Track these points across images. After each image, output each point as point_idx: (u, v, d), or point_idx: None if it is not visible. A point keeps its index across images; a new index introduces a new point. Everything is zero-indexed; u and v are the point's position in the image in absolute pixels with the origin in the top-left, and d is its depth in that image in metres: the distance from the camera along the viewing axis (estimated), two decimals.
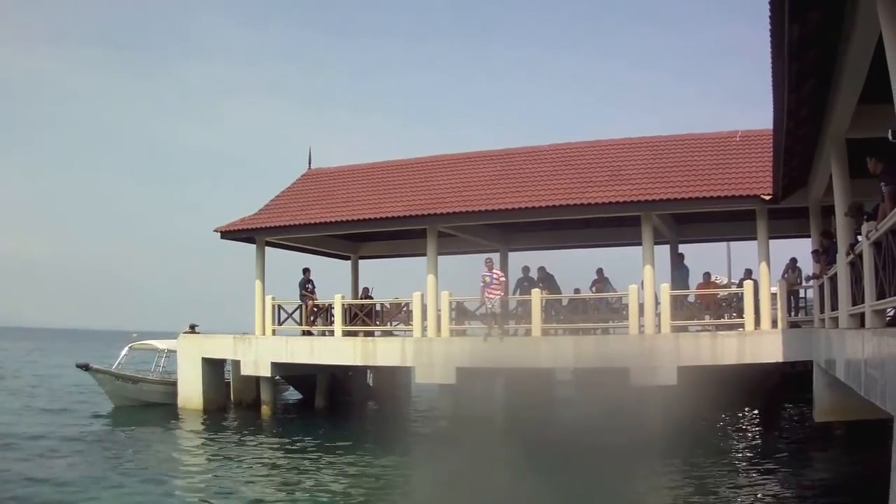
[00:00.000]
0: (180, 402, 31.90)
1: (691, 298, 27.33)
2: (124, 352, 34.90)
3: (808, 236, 25.01)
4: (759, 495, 17.26)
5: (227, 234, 32.15)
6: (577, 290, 29.69)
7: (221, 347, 31.88)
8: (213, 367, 32.37)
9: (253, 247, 32.53)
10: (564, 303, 28.77)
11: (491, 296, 26.01)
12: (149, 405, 32.63)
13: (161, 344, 35.21)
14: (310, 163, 36.67)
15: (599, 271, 29.72)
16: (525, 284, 30.03)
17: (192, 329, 34.16)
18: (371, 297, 33.07)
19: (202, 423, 29.18)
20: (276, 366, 30.35)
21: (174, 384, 32.71)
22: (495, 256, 34.40)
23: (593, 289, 29.29)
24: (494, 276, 26.25)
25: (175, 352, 33.28)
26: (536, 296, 26.69)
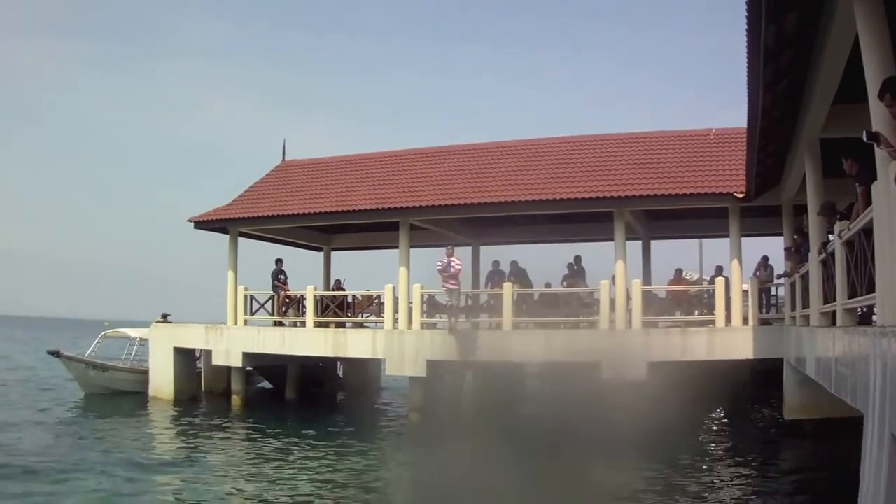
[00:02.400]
0: (151, 391, 31.83)
1: (662, 295, 27.43)
2: (97, 340, 34.78)
3: (780, 234, 25.11)
4: (726, 491, 17.35)
5: (201, 224, 32.09)
6: (547, 285, 29.75)
7: (193, 337, 31.79)
8: (185, 357, 32.30)
9: (226, 237, 32.52)
10: (536, 297, 28.83)
11: (449, 286, 25.81)
12: (119, 393, 32.46)
13: (134, 332, 35.02)
14: (284, 154, 36.58)
15: (577, 259, 29.64)
16: (495, 279, 30.01)
17: (165, 318, 34.08)
18: (343, 289, 32.97)
19: (172, 413, 29.09)
20: (247, 356, 30.29)
21: (145, 373, 32.59)
22: (467, 250, 34.51)
23: (564, 283, 29.29)
24: (453, 264, 25.98)
25: (147, 340, 33.14)
26: (508, 290, 26.73)
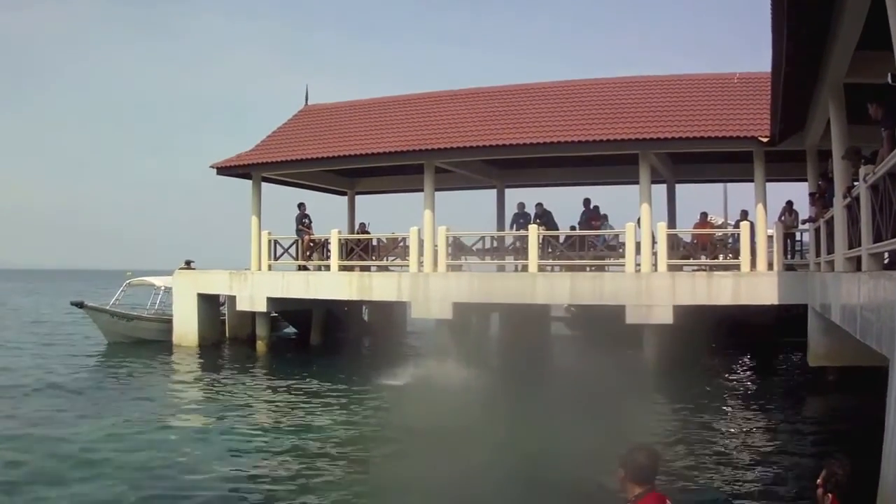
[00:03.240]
0: (175, 338, 31.96)
1: (688, 238, 27.35)
2: (121, 289, 34.97)
3: (805, 180, 25.05)
4: (750, 436, 17.36)
5: (224, 169, 32.07)
6: (573, 228, 29.65)
7: (217, 283, 31.89)
8: (209, 303, 32.44)
9: (246, 185, 32.56)
10: (561, 239, 28.75)
11: None
12: (144, 342, 32.54)
13: (158, 280, 35.12)
14: (307, 99, 36.50)
15: (587, 201, 29.67)
16: (521, 221, 29.96)
17: (188, 265, 34.13)
18: (368, 233, 32.87)
19: (196, 359, 29.21)
20: (272, 301, 30.38)
21: (169, 321, 32.75)
22: (492, 193, 34.54)
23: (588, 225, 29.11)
24: None
25: (172, 289, 33.21)
26: (533, 232, 26.65)
